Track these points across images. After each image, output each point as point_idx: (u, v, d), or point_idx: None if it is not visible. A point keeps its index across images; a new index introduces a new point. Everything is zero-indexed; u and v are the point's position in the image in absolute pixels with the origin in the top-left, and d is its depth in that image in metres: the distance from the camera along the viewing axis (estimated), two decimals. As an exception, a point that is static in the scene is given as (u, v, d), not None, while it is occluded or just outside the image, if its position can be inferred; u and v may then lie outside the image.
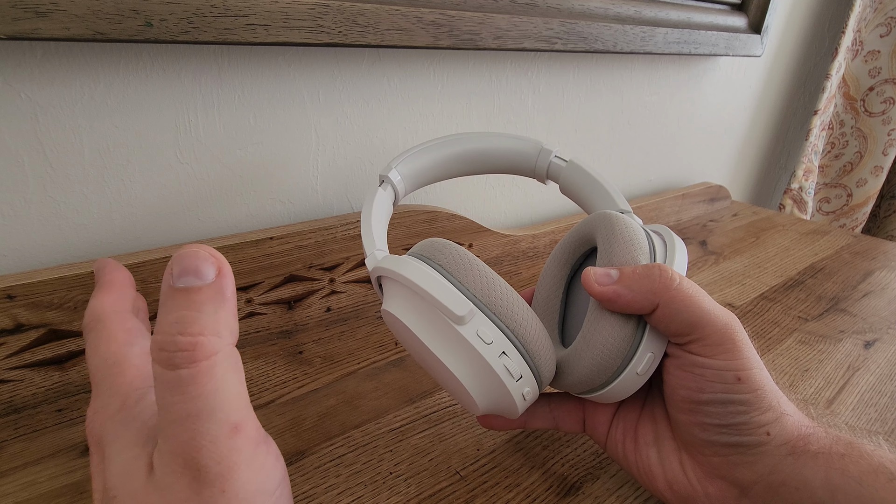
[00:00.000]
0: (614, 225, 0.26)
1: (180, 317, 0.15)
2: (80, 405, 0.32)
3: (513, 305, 0.22)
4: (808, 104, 0.96)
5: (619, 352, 0.23)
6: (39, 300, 0.30)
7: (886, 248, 0.65)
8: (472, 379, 0.23)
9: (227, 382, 0.15)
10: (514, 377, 0.22)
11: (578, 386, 0.25)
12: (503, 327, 0.22)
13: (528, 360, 0.23)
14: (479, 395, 0.23)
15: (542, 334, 0.23)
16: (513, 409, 0.23)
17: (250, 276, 0.37)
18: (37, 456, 0.28)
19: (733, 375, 0.22)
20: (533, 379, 0.23)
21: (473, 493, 0.28)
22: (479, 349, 0.21)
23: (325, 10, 0.32)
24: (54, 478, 0.27)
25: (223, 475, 0.15)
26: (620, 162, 0.67)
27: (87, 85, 0.31)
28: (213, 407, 0.15)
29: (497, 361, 0.22)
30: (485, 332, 0.21)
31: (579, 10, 0.47)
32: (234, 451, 0.15)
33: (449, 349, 0.22)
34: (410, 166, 0.33)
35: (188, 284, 0.15)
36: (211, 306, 0.15)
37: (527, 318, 0.23)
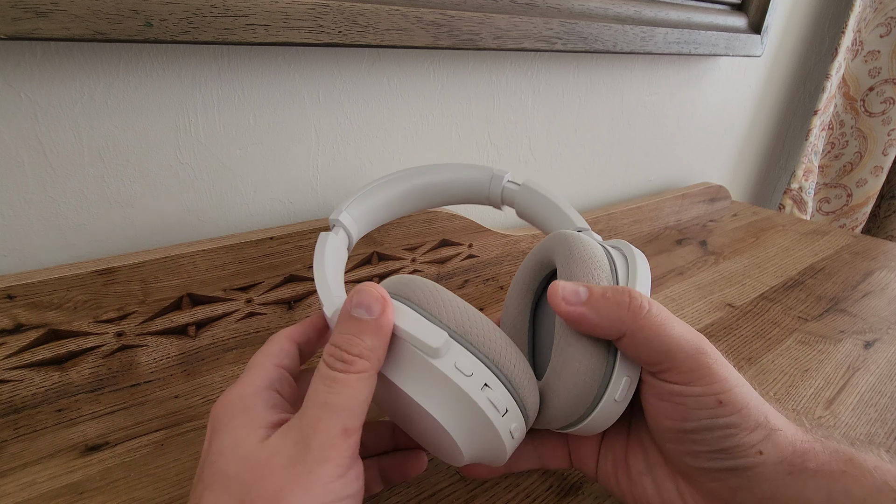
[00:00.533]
0: (571, 245, 0.25)
1: (350, 339, 0.20)
2: (80, 405, 0.32)
3: (490, 335, 0.21)
4: (808, 104, 0.96)
5: (593, 380, 0.22)
6: (39, 300, 0.30)
7: (886, 249, 0.65)
8: (454, 420, 0.21)
9: (360, 395, 0.19)
10: (499, 411, 0.20)
11: (556, 421, 0.23)
12: (482, 358, 0.21)
13: (513, 391, 0.21)
14: (462, 438, 0.21)
15: (523, 364, 0.22)
16: (500, 450, 0.21)
17: (250, 276, 0.37)
18: (36, 456, 0.28)
19: (713, 399, 0.21)
20: (519, 413, 0.21)
21: (473, 493, 0.28)
22: (460, 383, 0.20)
23: (324, 10, 0.32)
24: (54, 478, 0.27)
25: (317, 460, 0.18)
26: (620, 162, 0.67)
27: (87, 85, 0.31)
28: (342, 406, 0.19)
29: (480, 395, 0.20)
30: (464, 364, 0.20)
31: (579, 10, 0.47)
32: (334, 448, 0.18)
33: (425, 389, 0.20)
34: (362, 208, 0.32)
35: (360, 315, 0.20)
36: (370, 337, 0.20)
37: (506, 347, 0.22)
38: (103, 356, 0.33)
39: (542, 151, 0.57)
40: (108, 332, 0.33)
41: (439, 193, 0.35)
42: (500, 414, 0.21)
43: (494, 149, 0.53)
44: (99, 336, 0.33)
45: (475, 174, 0.35)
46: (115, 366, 0.33)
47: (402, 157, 0.46)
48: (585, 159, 0.63)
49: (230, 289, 0.37)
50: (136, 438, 0.30)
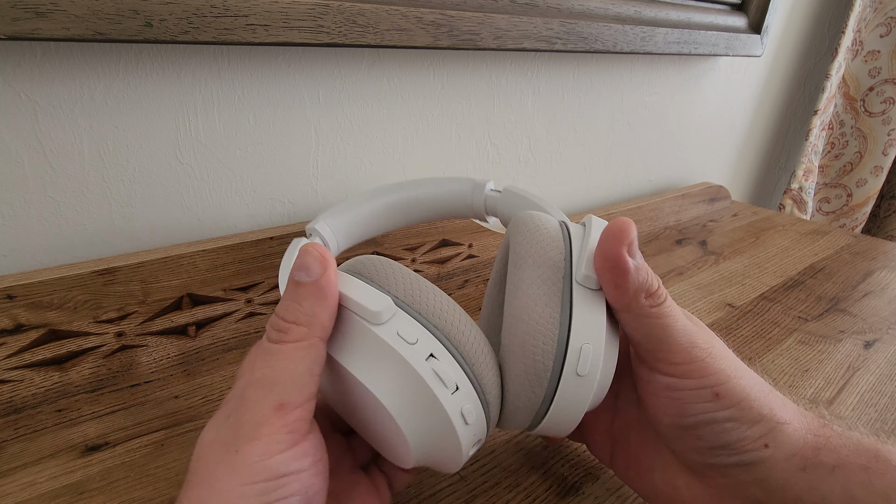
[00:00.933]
0: (521, 220, 0.23)
1: (287, 305, 0.18)
2: (80, 405, 0.32)
3: (442, 304, 0.19)
4: (808, 104, 0.96)
5: (545, 351, 0.19)
6: (39, 300, 0.30)
7: (886, 249, 0.65)
8: (396, 398, 0.18)
9: (297, 366, 0.18)
10: (447, 386, 0.18)
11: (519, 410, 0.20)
12: (430, 327, 0.19)
13: (465, 365, 0.19)
14: (407, 422, 0.18)
15: (479, 338, 0.20)
16: (452, 440, 0.18)
17: (250, 276, 0.37)
18: (36, 456, 0.28)
19: (709, 392, 0.20)
20: (473, 392, 0.19)
21: (473, 493, 0.28)
22: (401, 350, 0.18)
23: (324, 10, 0.32)
24: (54, 478, 0.27)
25: (245, 438, 0.17)
26: (620, 162, 0.67)
27: (87, 85, 0.31)
28: (275, 380, 0.17)
29: (424, 365, 0.18)
30: (407, 332, 0.18)
31: (579, 10, 0.47)
32: (266, 424, 0.17)
33: (365, 361, 0.18)
34: (341, 220, 0.31)
35: (299, 279, 0.18)
36: (310, 301, 0.18)
37: (459, 318, 0.19)
38: (103, 356, 0.33)
39: (542, 151, 0.57)
40: (108, 333, 0.33)
41: (422, 209, 0.34)
42: (449, 390, 0.18)
43: (494, 149, 0.53)
44: (99, 336, 0.32)
45: (456, 186, 0.34)
46: (116, 366, 0.33)
47: (402, 157, 0.46)
48: (585, 159, 0.63)
49: (230, 289, 0.37)
50: (137, 438, 0.30)
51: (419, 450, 0.19)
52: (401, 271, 0.20)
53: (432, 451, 0.20)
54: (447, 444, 0.19)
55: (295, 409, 0.17)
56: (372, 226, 0.33)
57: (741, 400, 0.20)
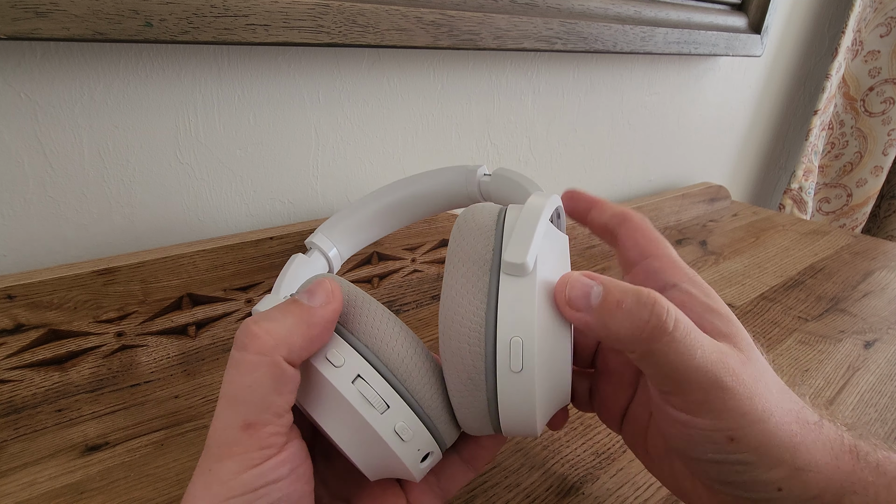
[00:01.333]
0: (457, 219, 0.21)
1: (269, 313, 0.18)
2: (80, 405, 0.32)
3: (378, 323, 0.18)
4: (808, 104, 0.96)
5: (473, 350, 0.18)
6: (39, 300, 0.30)
7: (886, 249, 0.65)
8: (334, 423, 0.18)
9: (259, 386, 0.17)
10: (374, 407, 0.18)
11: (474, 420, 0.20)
12: (361, 347, 0.18)
13: (397, 384, 0.18)
14: (345, 443, 0.18)
15: (412, 353, 0.19)
16: (391, 456, 0.18)
17: (250, 277, 0.37)
18: (36, 456, 0.28)
19: (724, 436, 0.18)
20: (407, 410, 0.18)
21: (473, 493, 0.28)
22: (327, 375, 0.18)
23: (324, 10, 0.32)
24: (54, 478, 0.27)
25: (217, 456, 0.17)
26: (620, 162, 0.67)
27: (87, 85, 0.31)
28: (239, 399, 0.17)
29: (349, 388, 0.17)
30: (335, 355, 0.18)
31: (579, 10, 0.47)
32: (236, 444, 0.17)
33: (305, 390, 0.18)
34: (341, 229, 0.31)
35: (299, 298, 0.18)
36: (292, 320, 0.17)
37: (391, 335, 0.19)
38: (103, 356, 0.33)
39: (542, 151, 0.57)
40: (108, 332, 0.33)
41: (419, 206, 0.34)
42: (378, 410, 0.18)
43: (494, 149, 0.53)
44: (99, 336, 0.32)
45: (450, 176, 0.33)
46: (116, 366, 0.33)
47: (402, 157, 0.46)
48: (585, 159, 0.63)
49: (230, 289, 0.37)
50: (136, 438, 0.30)
51: (369, 467, 0.19)
52: (345, 289, 0.19)
53: (381, 466, 0.19)
54: (390, 460, 0.19)
55: (265, 426, 0.17)
56: (372, 231, 0.33)
57: (759, 446, 0.18)
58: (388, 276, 0.44)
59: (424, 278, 0.47)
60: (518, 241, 0.18)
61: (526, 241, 0.18)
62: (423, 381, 0.19)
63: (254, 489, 0.16)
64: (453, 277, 0.19)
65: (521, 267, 0.18)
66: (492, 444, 0.23)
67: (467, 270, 0.19)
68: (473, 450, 0.23)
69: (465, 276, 0.19)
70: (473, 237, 0.20)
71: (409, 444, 0.18)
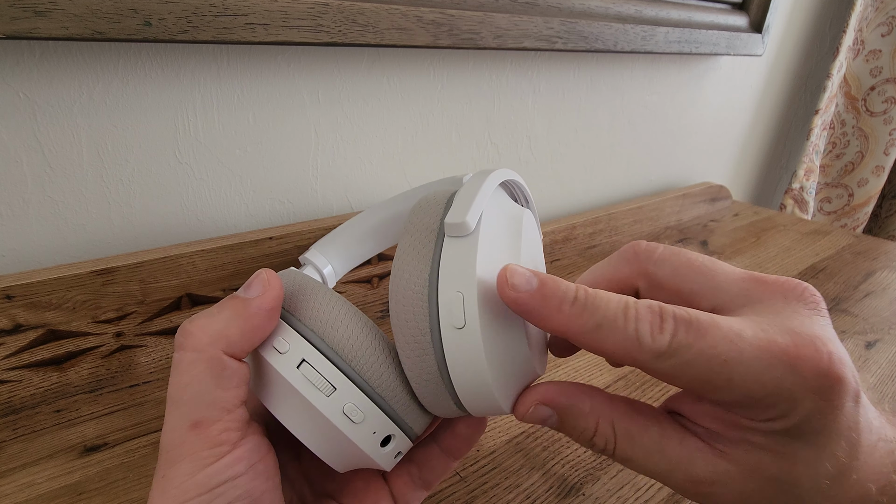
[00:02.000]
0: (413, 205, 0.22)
1: (205, 311, 0.18)
2: (79, 406, 0.32)
3: (322, 307, 0.18)
4: (810, 104, 0.96)
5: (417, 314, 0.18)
6: (38, 300, 0.30)
7: (888, 249, 0.65)
8: (282, 408, 0.18)
9: (199, 384, 0.16)
10: (320, 391, 0.17)
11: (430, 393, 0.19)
12: (307, 332, 0.18)
13: (344, 366, 0.18)
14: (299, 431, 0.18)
15: (359, 333, 0.19)
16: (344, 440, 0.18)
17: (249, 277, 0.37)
18: (35, 457, 0.28)
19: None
20: (354, 388, 0.18)
21: (473, 493, 0.28)
22: (273, 362, 0.17)
23: (324, 9, 0.32)
24: (53, 479, 0.27)
25: (169, 461, 0.16)
26: (621, 162, 0.67)
27: (86, 84, 0.31)
28: (181, 400, 0.17)
29: (294, 374, 0.17)
30: (279, 341, 0.18)
31: (580, 9, 0.47)
32: (184, 445, 0.16)
33: (253, 375, 0.18)
34: (337, 245, 0.31)
35: (237, 293, 0.18)
36: (228, 313, 0.17)
37: (337, 318, 0.18)
38: (102, 356, 0.33)
39: (542, 151, 0.57)
40: (107, 333, 0.33)
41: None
42: (324, 393, 0.17)
43: (494, 149, 0.53)
44: (98, 336, 0.32)
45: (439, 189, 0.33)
46: (114, 366, 0.33)
47: (402, 157, 0.46)
48: (586, 159, 0.62)
49: (229, 289, 0.37)
50: (135, 439, 0.30)
51: (331, 457, 0.19)
52: (293, 278, 0.19)
53: (343, 455, 0.19)
54: (347, 446, 0.18)
55: (214, 423, 0.17)
56: (366, 247, 0.33)
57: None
58: (387, 277, 0.44)
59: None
60: (460, 203, 0.18)
61: (467, 203, 0.18)
62: (373, 361, 0.18)
63: (209, 489, 0.16)
64: (401, 248, 0.19)
65: (461, 226, 0.18)
66: (468, 430, 0.22)
67: (414, 240, 0.19)
68: (450, 438, 0.22)
69: (412, 245, 0.19)
70: (423, 212, 0.20)
71: (362, 427, 0.18)
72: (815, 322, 0.17)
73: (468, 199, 0.18)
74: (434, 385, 0.19)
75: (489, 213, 0.19)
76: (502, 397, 0.18)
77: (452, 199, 0.20)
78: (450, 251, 0.18)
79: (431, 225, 0.19)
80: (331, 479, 0.23)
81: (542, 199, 0.60)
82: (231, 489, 0.17)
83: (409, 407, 0.19)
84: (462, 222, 0.18)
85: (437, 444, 0.23)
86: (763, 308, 0.17)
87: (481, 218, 0.18)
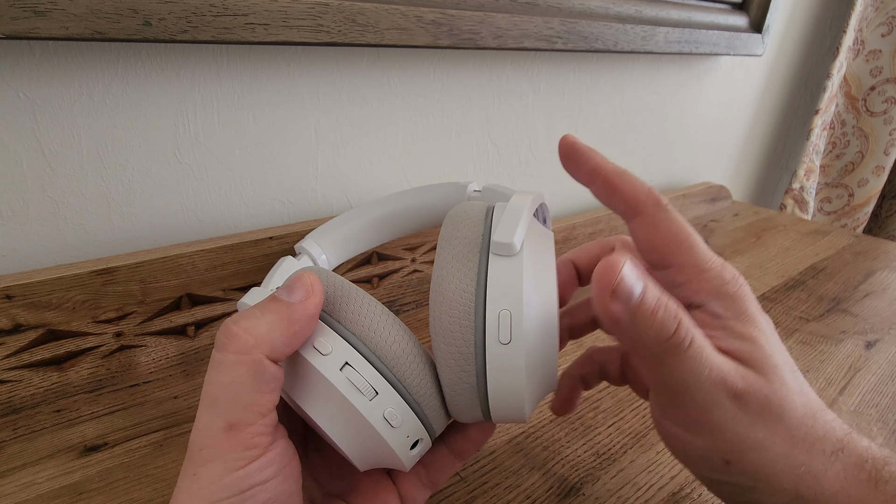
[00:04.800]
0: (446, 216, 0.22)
1: (248, 312, 0.17)
2: (79, 406, 0.32)
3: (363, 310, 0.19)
4: (810, 104, 0.96)
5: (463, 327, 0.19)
6: (38, 300, 0.30)
7: (888, 249, 0.65)
8: (319, 409, 0.18)
9: (240, 386, 0.16)
10: (363, 394, 0.18)
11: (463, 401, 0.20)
12: (348, 335, 0.18)
13: (385, 371, 0.18)
14: (334, 431, 0.19)
15: (401, 340, 0.19)
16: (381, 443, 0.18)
17: (250, 277, 0.37)
18: (35, 457, 0.28)
19: (720, 458, 0.18)
20: (395, 394, 0.18)
21: (473, 493, 0.28)
22: (314, 363, 0.18)
23: (324, 9, 0.32)
24: (53, 479, 0.27)
25: (201, 460, 0.16)
26: (621, 162, 0.67)
27: (86, 84, 0.31)
28: (219, 399, 0.16)
29: (338, 376, 0.18)
30: (322, 343, 0.18)
31: (580, 9, 0.47)
32: (217, 446, 0.16)
33: (288, 374, 0.18)
34: (332, 237, 0.31)
35: (278, 295, 0.18)
36: (272, 318, 0.17)
37: (379, 323, 0.19)
38: (102, 356, 0.33)
39: (542, 151, 0.57)
40: (106, 333, 0.33)
41: (410, 219, 0.34)
42: (366, 397, 0.18)
43: (494, 148, 0.53)
44: (98, 336, 0.32)
45: (440, 192, 0.34)
46: (114, 366, 0.33)
47: (402, 157, 0.46)
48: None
49: (229, 289, 0.37)
50: (136, 439, 0.30)
51: (358, 456, 0.19)
52: (326, 279, 0.20)
53: (371, 455, 0.19)
54: (380, 447, 0.19)
55: (249, 426, 0.17)
56: (362, 241, 0.34)
57: (756, 472, 0.18)
58: (387, 276, 0.44)
59: (424, 278, 0.47)
60: (506, 224, 0.20)
61: (514, 225, 0.19)
62: (412, 368, 0.19)
63: (240, 492, 0.16)
64: (444, 259, 0.20)
65: (509, 246, 0.19)
66: (479, 434, 0.23)
67: (458, 252, 0.20)
68: (461, 441, 0.23)
69: (456, 258, 0.20)
70: (464, 225, 0.21)
71: (399, 431, 0.19)
72: None
73: (514, 220, 0.20)
74: (469, 394, 0.19)
75: (528, 237, 0.20)
76: (529, 408, 0.20)
77: (490, 213, 0.21)
78: (497, 269, 0.19)
79: (473, 238, 0.20)
80: (338, 480, 0.23)
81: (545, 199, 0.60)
82: (261, 492, 0.17)
83: (438, 412, 0.20)
84: (510, 243, 0.19)
85: (446, 446, 0.23)
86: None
87: (524, 241, 0.19)
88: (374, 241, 0.34)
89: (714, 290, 0.19)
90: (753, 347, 0.19)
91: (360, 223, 0.33)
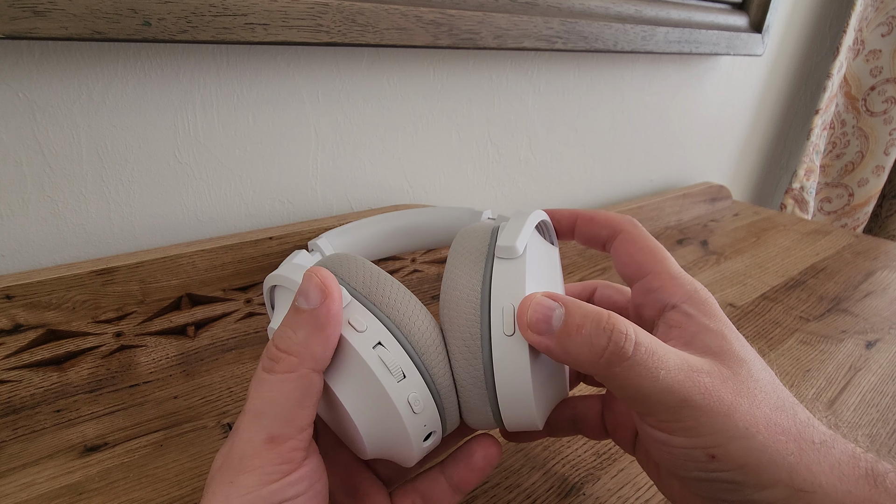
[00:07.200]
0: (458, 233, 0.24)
1: (282, 331, 0.18)
2: (79, 406, 0.32)
3: (399, 297, 0.20)
4: (810, 104, 0.96)
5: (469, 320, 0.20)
6: (38, 300, 0.30)
7: (888, 248, 0.65)
8: (344, 383, 0.19)
9: (286, 400, 0.17)
10: (392, 375, 0.18)
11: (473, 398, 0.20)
12: (382, 317, 0.19)
13: (414, 355, 0.19)
14: (354, 408, 0.19)
15: (431, 330, 0.20)
16: (399, 427, 0.19)
17: (250, 277, 0.37)
18: (35, 457, 0.28)
19: (703, 454, 0.17)
20: (422, 381, 0.19)
21: (473, 493, 0.28)
22: (349, 337, 0.18)
23: (324, 9, 0.32)
24: (53, 479, 0.27)
25: (239, 469, 0.17)
26: (621, 162, 0.67)
27: (86, 84, 0.31)
28: (265, 413, 0.17)
29: (370, 353, 0.18)
30: (358, 320, 0.19)
31: (580, 9, 0.47)
32: (257, 457, 0.17)
33: None
34: (344, 240, 0.32)
35: (299, 304, 0.18)
36: (305, 331, 0.18)
37: (412, 309, 0.20)
38: (102, 356, 0.33)
39: (542, 151, 0.57)
40: (106, 333, 0.33)
41: (423, 236, 0.36)
42: (395, 378, 0.18)
43: (494, 148, 0.53)
44: (98, 336, 0.32)
45: (456, 215, 0.35)
46: (114, 366, 0.33)
47: (402, 157, 0.46)
48: (586, 159, 0.62)
49: (229, 289, 0.37)
50: (136, 439, 0.30)
51: (371, 438, 0.20)
52: (363, 265, 0.21)
53: (384, 440, 0.20)
54: (396, 433, 0.19)
55: (287, 441, 0.17)
56: (374, 248, 0.35)
57: (744, 464, 0.17)
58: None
59: (424, 278, 0.47)
60: (509, 231, 0.21)
61: (516, 231, 0.21)
62: (439, 359, 0.20)
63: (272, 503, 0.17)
64: (453, 265, 0.22)
65: (511, 249, 0.20)
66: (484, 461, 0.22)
67: (466, 259, 0.22)
68: (463, 471, 0.22)
69: (464, 263, 0.22)
70: (473, 238, 0.23)
71: (418, 418, 0.19)
72: None
73: (516, 229, 0.21)
74: (478, 388, 0.20)
75: (531, 246, 0.21)
76: (538, 407, 0.20)
77: (497, 231, 0.23)
78: (500, 269, 0.20)
79: (480, 248, 0.22)
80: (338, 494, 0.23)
81: (543, 199, 0.60)
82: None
83: (452, 409, 0.21)
84: (512, 246, 0.20)
85: (446, 478, 0.23)
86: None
87: (527, 246, 0.21)
88: (385, 251, 0.35)
89: (686, 294, 0.21)
90: (724, 343, 0.19)
91: (374, 231, 0.34)
